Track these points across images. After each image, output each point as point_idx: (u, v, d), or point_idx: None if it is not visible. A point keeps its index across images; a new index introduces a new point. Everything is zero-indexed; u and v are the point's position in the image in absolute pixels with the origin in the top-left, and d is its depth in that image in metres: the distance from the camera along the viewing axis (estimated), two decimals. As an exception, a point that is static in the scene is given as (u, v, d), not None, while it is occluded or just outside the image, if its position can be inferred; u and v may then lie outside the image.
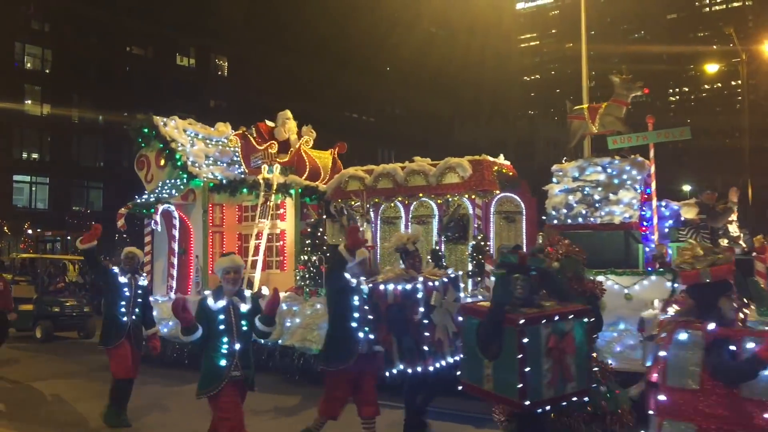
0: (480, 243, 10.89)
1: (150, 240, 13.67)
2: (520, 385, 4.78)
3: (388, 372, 6.61)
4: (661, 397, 4.09)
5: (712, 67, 58.63)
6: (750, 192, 26.33)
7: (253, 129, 13.93)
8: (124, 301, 7.80)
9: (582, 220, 10.42)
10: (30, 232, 37.33)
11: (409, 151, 17.14)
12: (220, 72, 52.08)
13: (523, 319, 4.82)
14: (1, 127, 39.87)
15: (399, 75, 59.25)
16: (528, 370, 4.77)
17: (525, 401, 4.81)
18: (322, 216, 13.01)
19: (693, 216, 9.69)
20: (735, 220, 10.05)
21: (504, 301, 5.03)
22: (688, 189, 43.44)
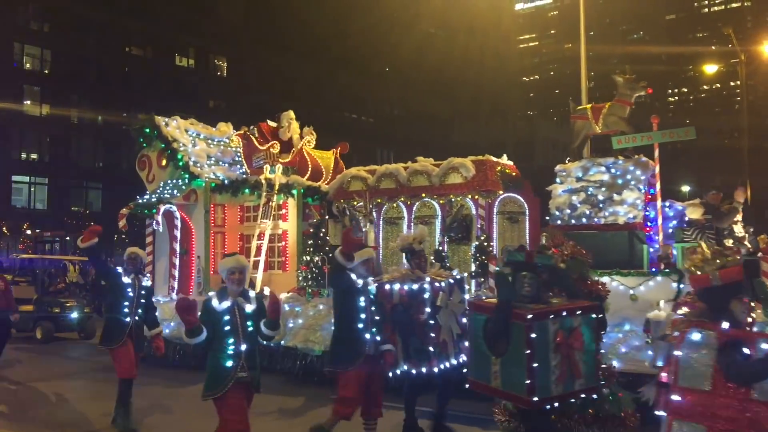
0: (483, 243, 10.86)
1: (151, 240, 13.62)
2: (528, 381, 4.75)
3: (391, 373, 6.58)
4: (673, 397, 4.07)
5: (711, 68, 58.87)
6: (749, 192, 26.30)
7: (255, 129, 13.89)
8: (127, 302, 7.74)
9: (586, 220, 10.42)
10: (29, 232, 37.22)
11: (408, 152, 17.12)
12: (219, 72, 52.00)
13: (531, 314, 4.80)
14: (0, 128, 39.76)
15: (398, 75, 59.20)
16: (536, 365, 4.75)
17: (533, 397, 4.78)
18: (324, 216, 12.99)
19: (698, 216, 9.66)
20: (740, 220, 10.03)
21: (510, 297, 5.02)
22: (687, 189, 43.46)
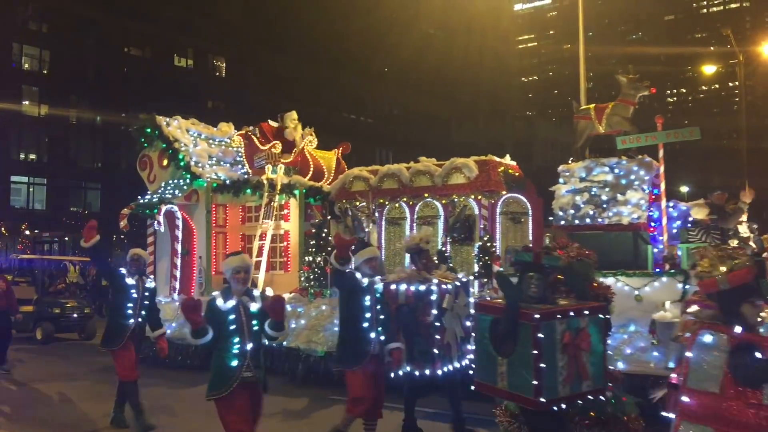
0: (486, 244, 10.83)
1: (153, 241, 13.59)
2: (535, 382, 4.71)
3: (393, 373, 6.54)
4: (682, 398, 4.03)
5: (709, 69, 58.96)
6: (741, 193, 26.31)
7: (257, 129, 13.86)
8: (131, 303, 7.67)
9: (590, 220, 10.37)
10: (27, 233, 37.16)
11: (407, 152, 17.08)
12: (217, 73, 51.99)
13: (539, 314, 4.77)
14: (-1, 128, 39.79)
15: (397, 76, 59.23)
16: (543, 366, 4.71)
17: (540, 398, 4.74)
18: (326, 216, 12.96)
19: (703, 217, 9.62)
20: (745, 220, 10.00)
21: (517, 298, 4.98)
22: (685, 190, 43.49)
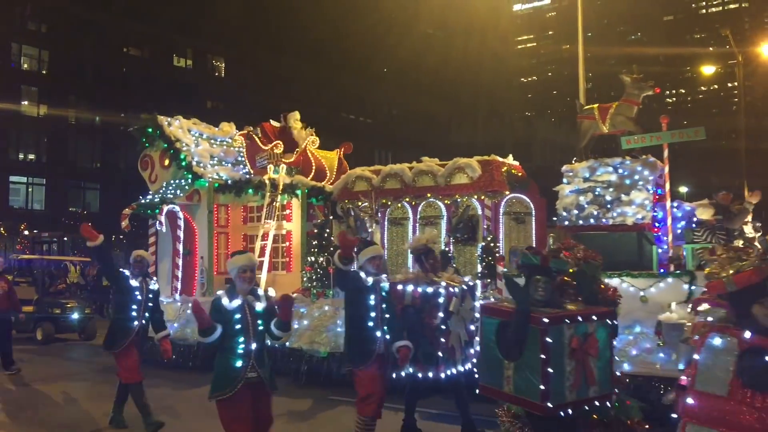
0: (489, 244, 10.79)
1: (154, 241, 13.54)
2: (542, 387, 4.66)
3: (395, 374, 6.49)
4: (688, 401, 4.02)
5: (708, 69, 59.00)
6: (746, 194, 26.33)
7: (258, 129, 13.82)
8: (135, 305, 7.62)
9: (594, 221, 10.35)
10: (26, 233, 37.08)
11: (407, 153, 17.04)
12: (217, 73, 51.95)
13: (547, 318, 4.72)
14: (-2, 128, 39.72)
15: (396, 76, 59.20)
16: (551, 371, 4.65)
17: (547, 403, 4.70)
18: (328, 217, 12.92)
19: (708, 217, 9.60)
20: (750, 220, 9.98)
21: (528, 302, 4.95)
22: (684, 190, 43.48)
